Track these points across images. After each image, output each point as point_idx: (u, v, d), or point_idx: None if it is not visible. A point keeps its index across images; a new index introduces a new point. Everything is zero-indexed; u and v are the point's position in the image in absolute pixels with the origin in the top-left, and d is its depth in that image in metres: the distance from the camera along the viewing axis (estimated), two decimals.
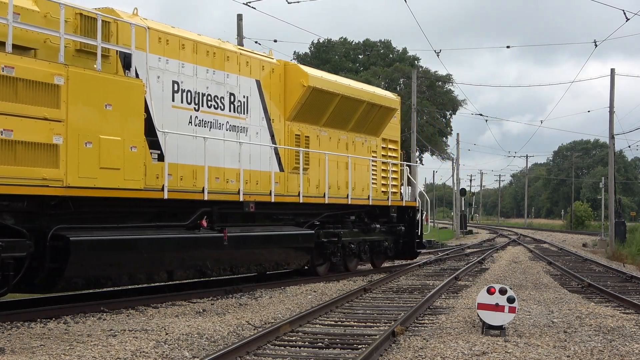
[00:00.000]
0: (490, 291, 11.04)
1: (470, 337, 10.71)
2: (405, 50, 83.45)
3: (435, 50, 45.68)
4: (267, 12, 31.01)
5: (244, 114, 16.99)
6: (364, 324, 12.21)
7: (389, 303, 15.16)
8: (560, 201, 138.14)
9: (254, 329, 11.30)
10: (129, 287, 15.47)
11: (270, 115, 17.88)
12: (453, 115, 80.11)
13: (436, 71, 79.82)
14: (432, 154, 79.44)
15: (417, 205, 24.40)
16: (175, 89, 15.09)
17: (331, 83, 19.65)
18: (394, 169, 23.55)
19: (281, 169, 18.16)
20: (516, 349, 9.86)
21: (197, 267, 15.28)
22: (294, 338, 10.63)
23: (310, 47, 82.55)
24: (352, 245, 20.61)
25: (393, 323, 11.57)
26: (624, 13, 29.31)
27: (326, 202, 19.37)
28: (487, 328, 11.01)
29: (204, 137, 15.25)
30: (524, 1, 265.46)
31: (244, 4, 25.96)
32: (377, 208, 22.25)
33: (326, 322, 12.27)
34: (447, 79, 76.07)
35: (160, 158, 14.32)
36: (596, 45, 36.05)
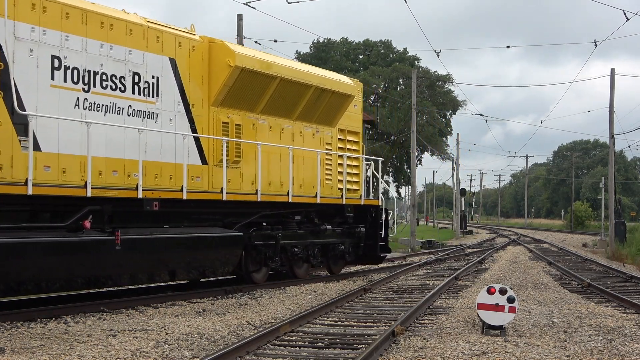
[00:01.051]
0: (490, 291, 11.04)
1: (470, 337, 10.71)
2: (405, 51, 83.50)
3: (435, 50, 45.70)
4: (267, 12, 30.97)
5: (152, 97, 14.56)
6: (364, 324, 12.21)
7: (389, 303, 15.16)
8: (560, 201, 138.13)
9: (254, 329, 11.30)
10: (129, 287, 15.46)
11: (189, 99, 15.42)
12: (453, 116, 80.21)
13: (436, 71, 79.89)
14: (432, 154, 79.48)
15: (380, 204, 21.66)
16: (56, 65, 12.71)
17: (266, 63, 16.92)
18: (353, 163, 21.16)
19: (204, 161, 15.72)
20: (516, 349, 9.86)
21: (76, 275, 12.97)
22: (294, 338, 10.63)
23: (311, 47, 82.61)
24: (296, 249, 18.23)
25: (393, 323, 11.57)
26: (624, 13, 29.35)
27: (258, 199, 16.76)
28: (487, 328, 11.02)
29: (87, 122, 12.81)
30: (528, 1, 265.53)
31: (244, 4, 25.98)
32: (331, 207, 19.91)
33: (326, 322, 12.28)
34: (447, 79, 76.09)
35: (36, 147, 12.16)
36: (596, 45, 36.10)
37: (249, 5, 26.03)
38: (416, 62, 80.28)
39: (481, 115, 67.87)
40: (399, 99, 70.32)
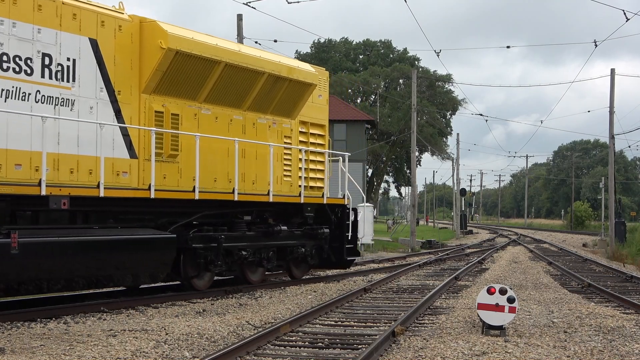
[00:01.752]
0: (490, 291, 11.04)
1: (470, 337, 10.71)
2: (405, 51, 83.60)
3: (435, 50, 45.71)
4: (267, 13, 30.97)
5: (67, 81, 12.94)
6: (364, 324, 12.21)
7: (389, 303, 15.16)
8: (560, 201, 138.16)
9: (254, 329, 11.30)
10: (129, 287, 15.46)
11: (114, 85, 13.73)
12: (453, 116, 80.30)
13: (435, 71, 79.93)
14: (432, 154, 79.55)
15: (346, 202, 19.72)
16: None
17: (207, 46, 15.10)
18: (317, 159, 19.42)
19: (133, 155, 13.95)
20: (516, 349, 9.86)
21: None
22: (294, 338, 10.62)
23: (311, 47, 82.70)
24: (244, 252, 16.38)
25: (393, 323, 11.57)
26: (624, 13, 29.36)
27: (196, 197, 14.94)
28: (487, 328, 11.02)
29: None
30: (530, 1, 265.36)
31: (244, 4, 25.98)
32: (289, 206, 18.20)
33: (326, 322, 12.27)
34: (447, 79, 76.16)
35: None
36: (596, 46, 36.12)
37: (249, 5, 26.04)
38: (416, 62, 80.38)
39: (481, 115, 67.88)
40: (399, 99, 70.33)
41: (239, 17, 30.02)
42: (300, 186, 18.37)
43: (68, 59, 12.98)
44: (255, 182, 16.93)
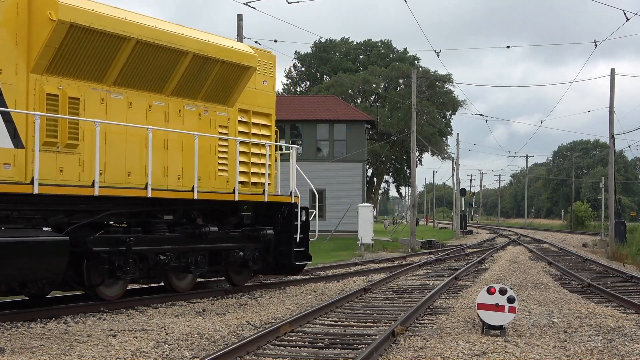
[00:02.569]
0: (490, 291, 11.04)
1: (470, 337, 10.71)
2: (405, 51, 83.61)
3: (435, 50, 45.72)
4: (267, 13, 30.97)
5: None
6: (364, 324, 12.21)
7: (389, 303, 15.16)
8: (560, 201, 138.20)
9: (254, 329, 11.30)
10: (129, 287, 15.44)
11: None
12: (453, 116, 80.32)
13: (436, 71, 79.95)
14: (432, 154, 79.58)
15: (293, 200, 17.39)
16: None
17: (111, 20, 13.06)
18: (260, 151, 17.14)
19: (18, 144, 11.91)
20: (516, 349, 9.86)
21: None
22: (294, 338, 10.63)
23: (312, 47, 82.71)
24: (162, 257, 14.32)
25: (393, 323, 11.58)
26: (624, 13, 29.36)
27: (95, 194, 12.77)
28: (487, 328, 11.02)
29: None
30: (532, 1, 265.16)
31: (244, 3, 25.98)
32: (223, 204, 16.08)
33: (326, 322, 12.28)
34: (447, 79, 76.17)
35: None
36: (596, 46, 36.13)
37: (249, 5, 26.05)
38: (416, 62, 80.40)
39: (481, 115, 67.92)
40: (399, 99, 70.35)
41: (239, 17, 30.03)
42: (241, 182, 16.29)
43: None
44: (182, 177, 14.81)
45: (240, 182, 16.19)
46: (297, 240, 17.22)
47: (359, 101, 76.90)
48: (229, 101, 16.18)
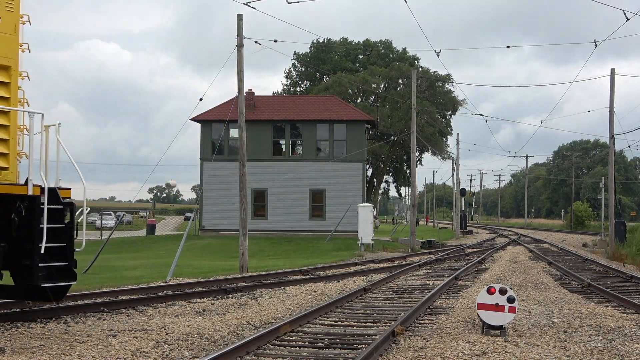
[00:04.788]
0: (490, 291, 11.04)
1: (470, 337, 10.71)
2: (405, 51, 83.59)
3: (435, 50, 45.68)
4: (267, 13, 30.97)
5: None
6: (364, 324, 12.21)
7: (389, 303, 15.16)
8: (560, 201, 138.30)
9: (254, 329, 11.31)
10: (129, 287, 15.46)
11: None
12: (453, 116, 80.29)
13: (436, 71, 79.94)
14: (432, 154, 79.57)
15: (31, 192, 10.64)
16: None
17: None
18: None
19: None
20: (516, 349, 9.86)
21: None
22: (294, 338, 10.63)
23: (311, 47, 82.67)
24: None
25: (393, 323, 11.58)
26: (624, 13, 29.36)
27: None
28: (487, 328, 11.02)
29: None
30: (539, 2, 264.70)
31: (244, 4, 25.96)
32: None
33: (326, 322, 12.27)
34: (447, 79, 76.16)
35: None
36: (596, 45, 36.09)
37: (249, 5, 26.03)
38: (416, 61, 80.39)
39: (481, 115, 67.83)
40: (399, 99, 70.35)
41: (239, 17, 30.01)
42: None
43: None
44: None
45: None
46: (44, 252, 10.67)
47: (358, 101, 76.89)
48: None
